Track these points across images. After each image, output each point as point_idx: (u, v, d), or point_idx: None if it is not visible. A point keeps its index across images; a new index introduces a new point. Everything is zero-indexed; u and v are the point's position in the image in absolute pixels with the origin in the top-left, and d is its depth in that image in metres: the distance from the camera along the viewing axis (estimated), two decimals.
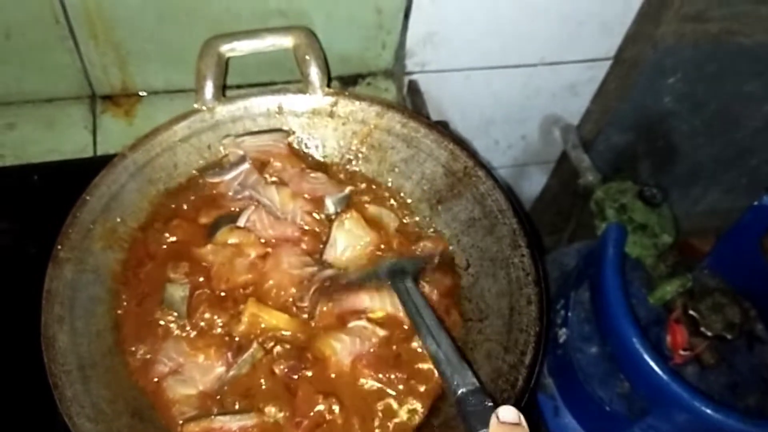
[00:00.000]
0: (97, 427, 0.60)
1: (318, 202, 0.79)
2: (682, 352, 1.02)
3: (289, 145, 0.82)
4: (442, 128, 0.81)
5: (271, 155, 0.80)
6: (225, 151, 0.80)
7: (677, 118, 1.25)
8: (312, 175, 0.80)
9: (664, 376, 0.86)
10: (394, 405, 0.68)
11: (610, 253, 0.96)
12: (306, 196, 0.79)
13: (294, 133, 0.83)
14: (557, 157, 1.33)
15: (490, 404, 0.52)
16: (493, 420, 0.47)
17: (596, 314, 1.03)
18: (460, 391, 0.55)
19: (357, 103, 0.80)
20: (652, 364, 0.87)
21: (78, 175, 0.73)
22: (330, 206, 0.78)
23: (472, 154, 0.78)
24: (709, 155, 1.38)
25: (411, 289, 0.70)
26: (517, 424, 0.47)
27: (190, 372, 0.67)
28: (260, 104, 0.80)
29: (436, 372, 0.63)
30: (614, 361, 1.01)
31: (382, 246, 0.77)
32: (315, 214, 0.78)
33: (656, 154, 1.33)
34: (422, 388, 0.69)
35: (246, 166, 0.78)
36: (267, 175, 0.80)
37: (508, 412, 0.47)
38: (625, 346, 0.90)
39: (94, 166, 0.74)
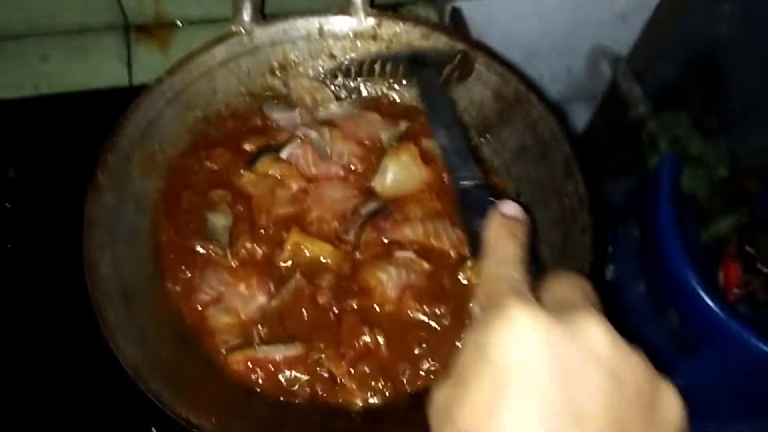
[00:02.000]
0: (143, 353, 0.59)
1: (370, 148, 0.76)
2: (735, 290, 0.98)
3: None
4: (492, 51, 0.77)
5: None
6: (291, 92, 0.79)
7: (731, 50, 1.18)
8: (368, 115, 0.78)
9: (721, 312, 0.83)
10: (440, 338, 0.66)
11: (665, 185, 0.92)
12: (359, 139, 0.76)
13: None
14: (602, 92, 1.28)
15: (493, 200, 0.47)
16: (494, 212, 0.43)
17: (647, 249, 1.00)
18: (464, 183, 0.53)
19: (401, 24, 0.77)
20: (707, 299, 0.84)
21: (114, 105, 0.71)
22: (386, 141, 0.76)
23: (524, 78, 0.74)
24: (761, 91, 1.32)
25: (431, 79, 0.69)
26: (518, 220, 0.42)
27: (232, 301, 0.66)
28: (300, 26, 0.77)
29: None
30: (662, 298, 0.98)
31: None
32: (364, 157, 0.75)
33: (707, 89, 1.27)
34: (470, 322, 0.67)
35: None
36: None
37: (510, 207, 0.43)
38: (679, 281, 0.87)
39: (129, 96, 0.71)
